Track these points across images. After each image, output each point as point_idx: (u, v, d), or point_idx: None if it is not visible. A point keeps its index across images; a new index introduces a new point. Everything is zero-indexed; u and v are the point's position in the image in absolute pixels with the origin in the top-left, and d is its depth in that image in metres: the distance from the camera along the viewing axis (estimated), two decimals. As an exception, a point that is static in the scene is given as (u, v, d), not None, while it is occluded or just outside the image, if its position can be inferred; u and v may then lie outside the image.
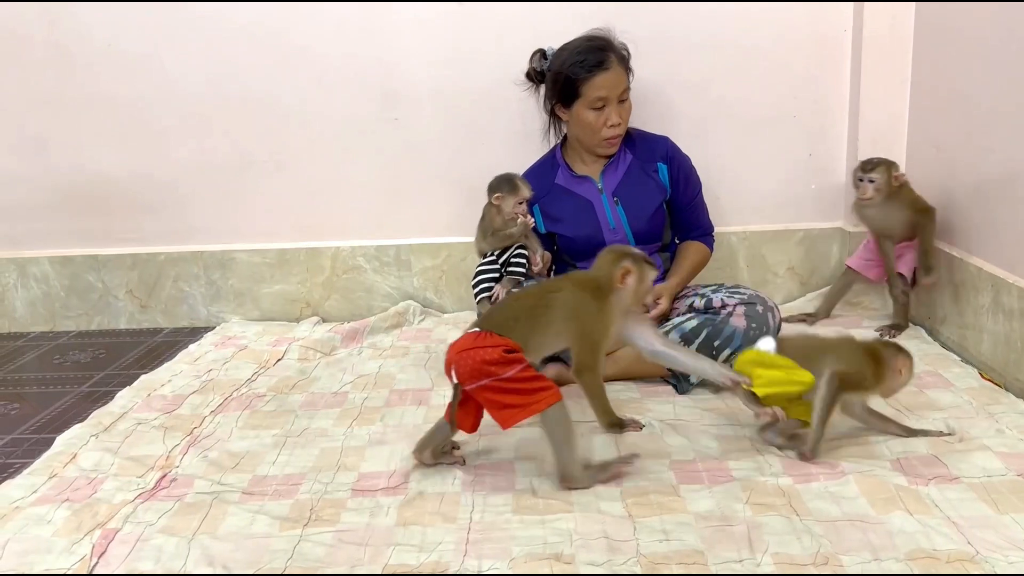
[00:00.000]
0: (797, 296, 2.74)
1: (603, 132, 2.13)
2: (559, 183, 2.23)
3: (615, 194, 2.19)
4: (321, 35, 2.63)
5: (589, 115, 2.11)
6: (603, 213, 2.19)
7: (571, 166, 2.23)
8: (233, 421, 1.99)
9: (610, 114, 2.11)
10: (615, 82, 2.10)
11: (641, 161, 2.22)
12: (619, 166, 2.21)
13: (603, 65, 2.08)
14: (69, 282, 2.87)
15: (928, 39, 2.40)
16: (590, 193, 2.20)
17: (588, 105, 2.11)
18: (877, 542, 1.37)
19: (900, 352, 1.66)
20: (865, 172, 2.28)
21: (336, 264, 2.81)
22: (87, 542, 1.48)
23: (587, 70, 2.08)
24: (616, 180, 2.20)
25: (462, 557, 1.39)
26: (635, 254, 1.66)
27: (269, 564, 1.40)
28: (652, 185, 2.21)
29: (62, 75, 2.70)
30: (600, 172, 2.22)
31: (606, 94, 2.09)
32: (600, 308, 1.61)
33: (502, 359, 1.53)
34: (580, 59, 2.09)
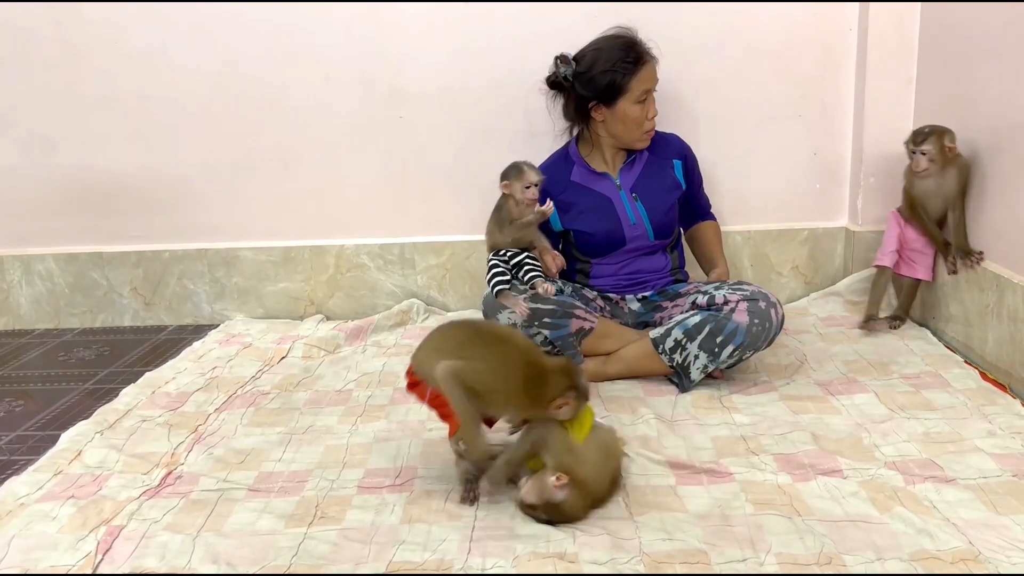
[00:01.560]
0: (801, 295, 2.74)
1: (645, 125, 2.17)
2: (575, 180, 2.22)
3: (633, 190, 2.20)
4: (328, 34, 2.63)
5: (635, 110, 2.14)
6: (623, 209, 2.19)
7: (589, 163, 2.23)
8: (238, 418, 2.00)
9: (651, 106, 2.16)
10: (654, 73, 2.15)
11: (657, 158, 2.25)
12: (636, 163, 2.23)
13: (643, 58, 2.12)
14: (74, 279, 2.88)
15: (933, 39, 2.40)
16: (609, 190, 2.21)
17: (635, 100, 2.13)
18: (881, 542, 1.37)
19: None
20: (917, 144, 2.18)
21: (340, 262, 2.82)
22: (92, 539, 1.49)
23: (633, 65, 2.11)
24: (634, 177, 2.22)
25: (466, 555, 1.40)
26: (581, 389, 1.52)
27: (274, 561, 1.41)
28: (669, 181, 2.24)
29: (69, 73, 2.71)
30: (619, 169, 2.23)
31: (650, 85, 2.14)
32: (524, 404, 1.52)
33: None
34: (622, 55, 2.11)
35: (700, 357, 2.01)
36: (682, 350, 2.02)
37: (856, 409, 1.89)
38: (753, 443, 1.74)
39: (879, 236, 2.59)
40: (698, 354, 2.01)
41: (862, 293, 2.60)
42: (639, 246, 2.22)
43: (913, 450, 1.68)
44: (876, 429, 1.78)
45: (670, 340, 2.03)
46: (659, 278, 2.27)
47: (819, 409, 1.90)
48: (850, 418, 1.85)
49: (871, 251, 2.61)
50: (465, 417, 1.50)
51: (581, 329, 2.09)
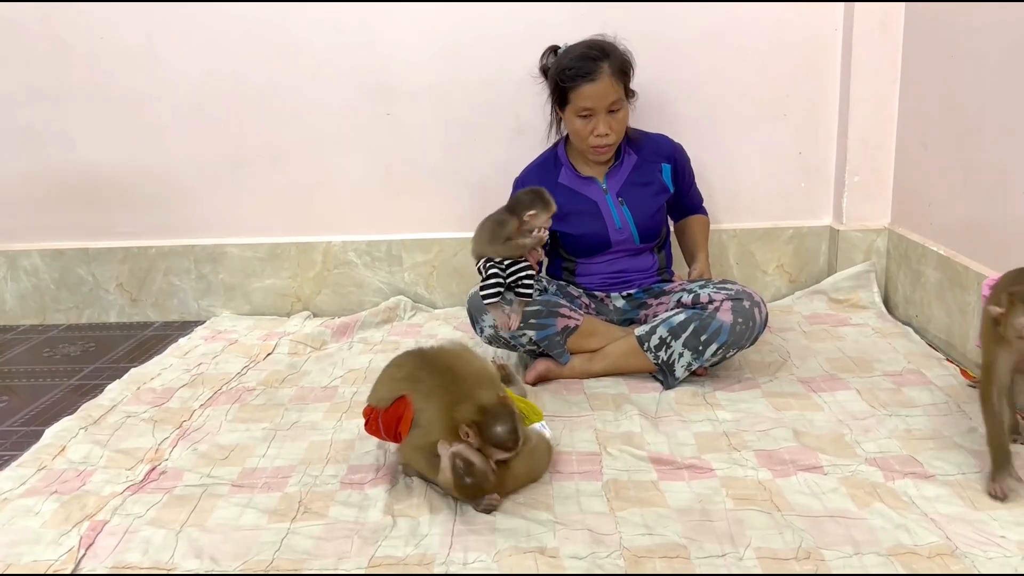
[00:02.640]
0: (786, 294, 2.76)
1: (590, 140, 2.11)
2: (563, 182, 2.21)
3: (620, 194, 2.20)
4: (316, 29, 2.63)
5: (576, 122, 2.11)
6: (609, 213, 2.19)
7: (575, 166, 2.23)
8: (223, 414, 2.00)
9: (597, 124, 2.08)
10: (602, 93, 2.06)
11: (645, 161, 2.22)
12: (623, 167, 2.21)
13: (590, 76, 2.05)
14: (59, 275, 2.87)
15: (918, 39, 2.42)
16: (595, 194, 2.20)
17: (575, 112, 2.09)
18: (859, 537, 1.39)
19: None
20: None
21: (327, 259, 2.82)
22: (75, 534, 1.49)
23: (573, 79, 2.06)
24: (620, 181, 2.21)
25: (448, 550, 1.41)
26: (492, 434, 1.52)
27: (257, 556, 1.41)
28: (656, 184, 2.22)
29: (55, 68, 2.70)
30: (604, 173, 2.21)
31: (592, 104, 2.06)
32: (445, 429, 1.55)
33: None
34: (570, 66, 2.07)
35: (685, 355, 2.02)
36: (667, 348, 2.03)
37: (838, 406, 1.90)
38: (735, 439, 1.76)
39: (863, 235, 2.62)
40: (683, 352, 2.02)
41: (846, 291, 2.62)
42: (625, 249, 2.22)
43: (894, 447, 1.69)
44: (857, 426, 1.80)
45: (655, 338, 2.04)
46: (645, 277, 2.27)
47: (801, 406, 1.91)
48: (832, 415, 1.86)
49: (855, 250, 2.64)
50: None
51: (567, 327, 2.10)
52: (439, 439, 1.53)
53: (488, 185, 2.25)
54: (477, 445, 1.51)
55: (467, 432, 1.51)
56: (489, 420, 1.52)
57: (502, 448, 1.52)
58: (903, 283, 2.51)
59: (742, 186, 2.70)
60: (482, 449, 1.52)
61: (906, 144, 2.51)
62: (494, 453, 1.52)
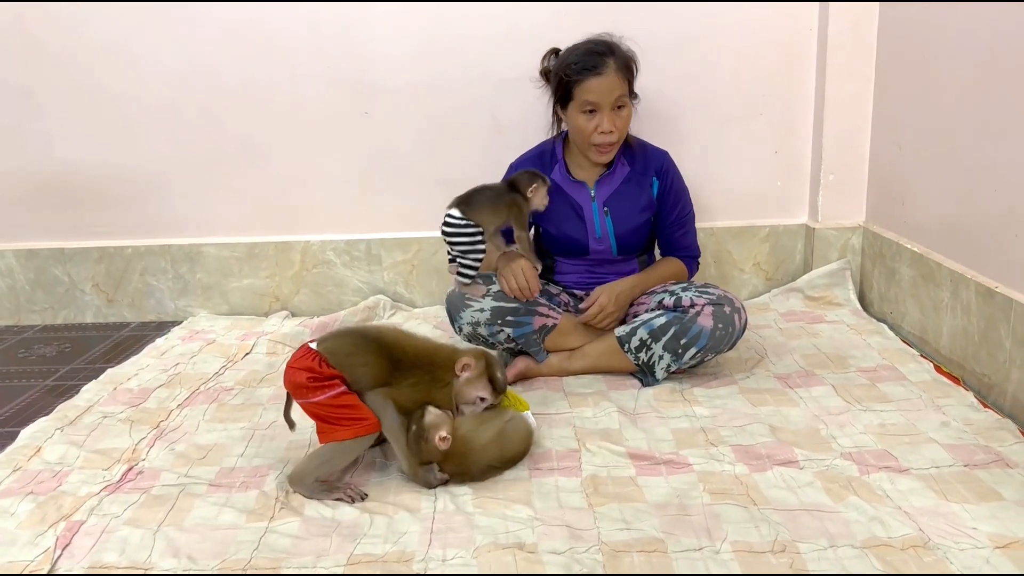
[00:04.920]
0: (763, 292, 2.78)
1: (593, 138, 2.09)
2: (554, 179, 2.20)
3: (606, 204, 2.18)
4: (294, 27, 2.62)
5: (580, 119, 2.08)
6: (591, 221, 2.18)
7: (569, 168, 2.22)
8: (200, 414, 1.99)
9: (601, 120, 2.06)
10: (608, 88, 2.04)
11: (637, 174, 2.20)
12: (615, 177, 2.19)
13: (596, 69, 2.04)
14: (35, 275, 2.85)
15: (892, 38, 2.45)
16: (582, 198, 2.19)
17: (579, 108, 2.07)
18: (834, 530, 1.40)
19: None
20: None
21: (306, 258, 2.81)
22: (51, 534, 1.48)
23: (578, 73, 2.05)
24: (610, 190, 2.19)
25: (426, 547, 1.41)
26: (490, 362, 1.69)
27: (235, 555, 1.41)
28: (644, 199, 2.19)
29: (30, 66, 2.68)
30: (595, 180, 2.20)
31: (596, 99, 2.05)
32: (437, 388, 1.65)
33: (308, 384, 1.57)
34: (575, 61, 2.06)
35: (664, 357, 2.03)
36: (647, 350, 2.04)
37: (814, 402, 1.93)
38: (712, 435, 1.77)
39: (839, 233, 2.65)
40: (663, 354, 2.03)
41: (822, 289, 2.65)
42: (602, 259, 2.23)
43: (869, 441, 1.72)
44: (833, 421, 1.82)
45: (635, 339, 2.05)
46: None
47: (777, 402, 1.93)
48: (808, 410, 1.88)
49: (831, 248, 2.67)
50: (400, 446, 1.61)
51: (544, 326, 2.10)
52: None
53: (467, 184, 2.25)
54: (473, 375, 1.65)
55: (467, 364, 1.64)
56: (491, 359, 1.69)
57: (493, 388, 1.66)
58: (878, 280, 2.54)
59: (719, 185, 2.72)
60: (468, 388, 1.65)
61: (880, 143, 2.54)
62: (475, 398, 1.66)
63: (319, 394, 1.56)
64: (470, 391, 1.66)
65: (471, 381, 1.66)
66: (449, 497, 1.56)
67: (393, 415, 1.59)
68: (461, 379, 1.66)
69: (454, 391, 1.66)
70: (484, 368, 1.67)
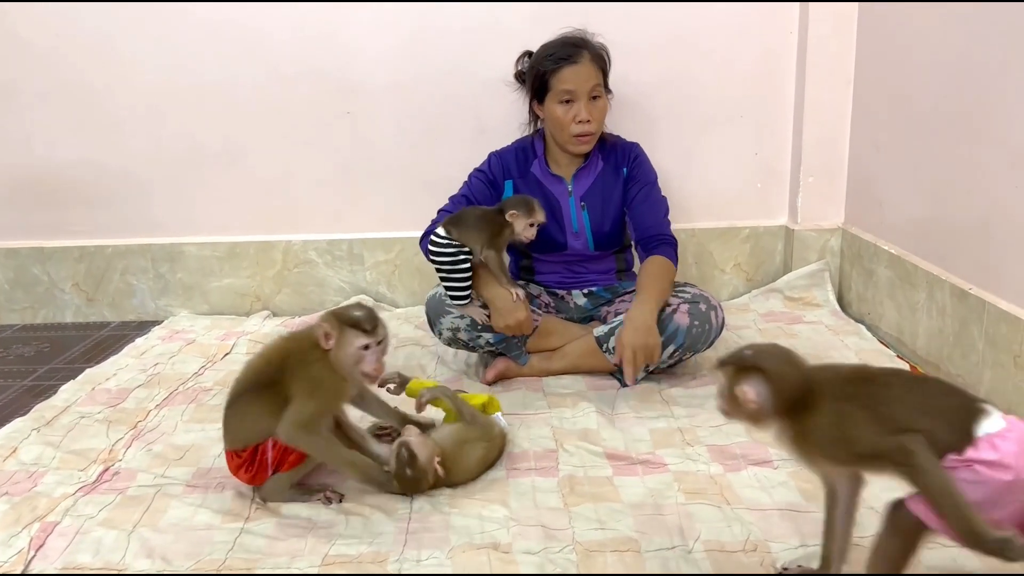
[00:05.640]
0: (743, 292, 2.80)
1: (572, 128, 2.10)
2: (534, 172, 2.22)
3: (583, 199, 2.20)
4: (277, 27, 2.62)
5: (558, 110, 2.10)
6: (568, 215, 2.20)
7: (548, 162, 2.23)
8: (178, 415, 1.99)
9: (579, 110, 2.08)
10: (584, 76, 2.08)
11: (611, 168, 2.22)
12: (591, 172, 2.21)
13: (571, 59, 2.07)
14: (14, 275, 2.83)
15: (871, 41, 2.46)
16: (560, 194, 2.20)
17: (556, 99, 2.10)
18: (806, 529, 1.41)
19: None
20: None
21: (287, 258, 2.81)
22: (25, 535, 1.48)
23: (555, 63, 2.08)
24: (586, 185, 2.20)
25: (402, 547, 1.41)
26: (342, 315, 1.55)
27: (210, 555, 1.41)
28: (618, 193, 2.21)
29: (10, 64, 2.66)
30: (572, 175, 2.21)
31: (573, 87, 2.07)
32: (328, 367, 1.54)
33: (247, 470, 1.57)
34: (550, 53, 2.10)
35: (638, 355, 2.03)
36: (625, 348, 2.05)
37: (790, 402, 1.94)
38: (689, 435, 1.78)
39: (818, 234, 2.67)
40: (639, 353, 2.03)
41: (801, 290, 2.66)
42: (579, 254, 2.24)
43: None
44: (809, 421, 1.83)
45: (614, 339, 2.06)
46: (603, 278, 2.29)
47: (754, 402, 1.94)
48: (784, 411, 1.89)
49: (810, 249, 2.68)
50: (342, 462, 1.57)
51: (525, 330, 2.11)
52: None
53: (450, 184, 2.25)
54: (336, 336, 1.52)
55: (327, 333, 1.52)
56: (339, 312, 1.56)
57: (359, 327, 1.52)
58: (856, 282, 2.56)
59: (700, 186, 2.73)
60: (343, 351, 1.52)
61: (859, 145, 2.56)
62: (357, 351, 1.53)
63: (255, 468, 1.56)
64: (348, 350, 1.53)
65: (342, 345, 1.53)
66: (426, 498, 1.56)
67: (328, 441, 1.55)
68: (332, 350, 1.53)
69: (333, 364, 1.54)
70: (343, 322, 1.53)
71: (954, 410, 1.10)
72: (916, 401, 1.11)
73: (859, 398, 1.13)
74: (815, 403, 1.13)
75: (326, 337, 1.53)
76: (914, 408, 1.11)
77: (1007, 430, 1.08)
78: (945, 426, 1.08)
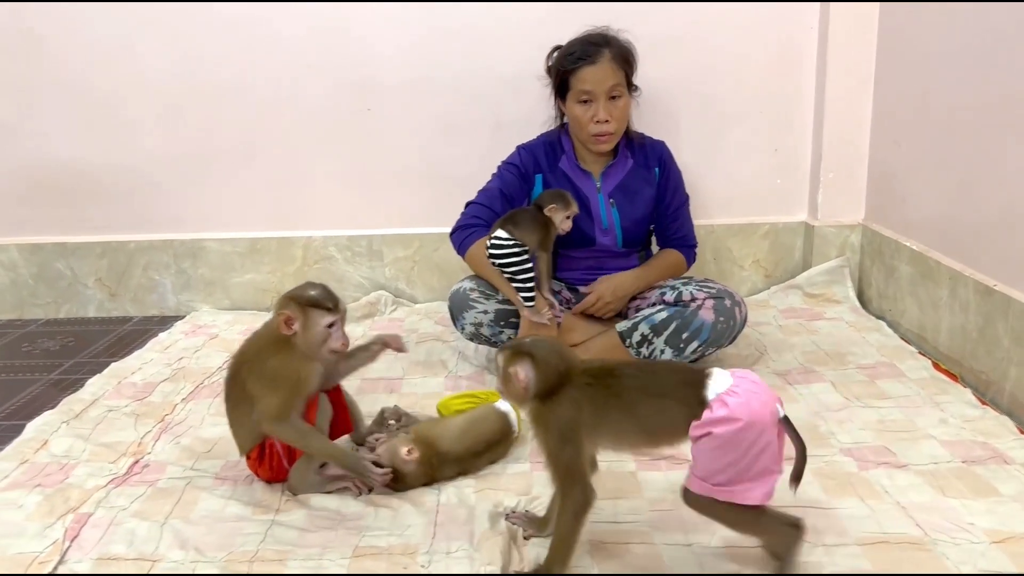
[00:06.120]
0: (762, 289, 2.80)
1: (590, 128, 2.10)
2: (563, 167, 2.22)
3: (611, 196, 2.20)
4: (294, 23, 2.63)
5: (577, 109, 2.11)
6: (598, 212, 2.20)
7: (576, 157, 2.24)
8: (205, 408, 2.01)
9: (597, 110, 2.09)
10: (601, 77, 2.07)
11: (640, 167, 2.23)
12: (620, 168, 2.21)
13: (590, 59, 2.07)
14: (37, 270, 2.86)
15: (891, 38, 2.46)
16: (588, 189, 2.21)
17: (575, 98, 2.10)
18: (829, 526, 1.42)
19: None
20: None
21: (308, 254, 2.82)
22: (59, 526, 1.49)
23: (573, 62, 2.08)
24: (615, 182, 2.21)
25: (431, 540, 1.43)
26: (301, 296, 1.54)
27: (242, 547, 1.43)
28: (648, 191, 2.22)
29: (30, 62, 2.69)
30: (601, 172, 2.22)
31: (590, 87, 2.08)
32: (285, 357, 1.54)
33: (260, 463, 1.61)
34: (570, 52, 2.10)
35: (666, 352, 2.04)
36: (648, 344, 2.06)
37: (813, 398, 1.94)
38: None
39: (838, 230, 2.67)
40: (664, 349, 2.04)
41: (821, 286, 2.66)
42: (607, 250, 2.25)
43: (868, 437, 1.73)
44: (832, 417, 1.83)
45: (637, 334, 2.07)
46: None
47: (777, 398, 1.95)
48: (807, 406, 1.90)
49: (830, 245, 2.68)
50: (318, 450, 1.58)
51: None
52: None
53: (468, 180, 2.27)
54: (300, 319, 1.52)
55: (288, 317, 1.52)
56: (297, 291, 1.56)
57: (321, 306, 1.53)
58: (876, 278, 2.56)
59: (719, 182, 2.73)
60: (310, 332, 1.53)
61: (880, 141, 2.56)
62: (322, 331, 1.53)
63: (269, 462, 1.60)
64: (314, 330, 1.54)
65: (307, 327, 1.53)
66: (453, 490, 1.57)
67: (301, 431, 1.55)
68: (298, 334, 1.53)
69: (303, 347, 1.54)
70: (304, 304, 1.53)
71: (684, 384, 1.23)
72: (648, 382, 1.26)
73: (597, 387, 1.27)
74: (562, 391, 1.27)
75: (288, 323, 1.53)
76: (646, 389, 1.26)
77: (734, 386, 1.21)
78: (679, 399, 1.22)
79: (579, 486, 1.26)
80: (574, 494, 1.25)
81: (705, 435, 1.20)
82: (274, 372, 1.54)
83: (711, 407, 1.19)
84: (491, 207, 2.17)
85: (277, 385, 1.53)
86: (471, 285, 2.13)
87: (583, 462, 1.27)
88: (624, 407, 1.26)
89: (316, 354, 1.56)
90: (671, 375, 1.28)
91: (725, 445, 1.18)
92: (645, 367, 1.34)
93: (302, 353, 1.55)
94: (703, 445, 1.21)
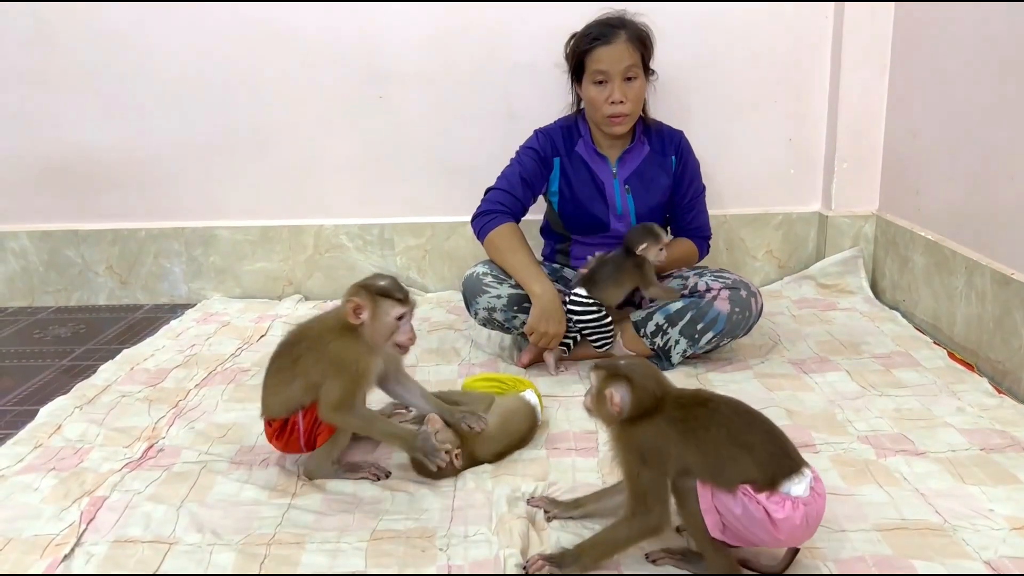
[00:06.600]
0: (775, 279, 2.79)
1: (605, 108, 2.09)
2: (579, 151, 2.21)
3: (627, 182, 2.19)
4: (306, 12, 2.62)
5: (592, 90, 2.10)
6: (613, 197, 2.19)
7: (593, 141, 2.22)
8: (218, 394, 2.01)
9: (612, 91, 2.07)
10: (617, 57, 2.06)
11: (657, 154, 2.22)
12: (636, 155, 2.21)
13: (605, 39, 2.06)
14: (48, 257, 2.86)
15: (907, 28, 2.45)
16: (604, 174, 2.20)
17: (591, 79, 2.09)
18: (848, 512, 1.41)
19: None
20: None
21: (319, 242, 2.82)
22: (75, 509, 1.49)
23: (589, 43, 2.08)
24: (631, 168, 2.20)
25: (448, 524, 1.42)
26: (372, 286, 1.52)
27: (259, 530, 1.42)
28: (664, 179, 2.21)
29: (44, 50, 2.68)
30: (617, 157, 2.21)
31: (605, 67, 2.06)
32: (348, 344, 1.51)
33: (279, 437, 1.59)
34: (587, 32, 2.10)
35: (680, 342, 2.04)
36: (663, 334, 2.05)
37: (829, 387, 1.94)
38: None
39: (852, 221, 2.66)
40: (679, 339, 2.04)
41: (834, 276, 2.65)
42: (620, 236, 2.23)
43: (885, 425, 1.73)
44: (849, 405, 1.83)
45: (651, 324, 2.06)
46: None
47: (793, 386, 1.94)
48: (823, 395, 1.89)
49: (843, 236, 2.67)
50: (385, 435, 1.58)
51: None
52: None
53: (480, 169, 2.26)
54: (370, 308, 1.50)
55: (358, 305, 1.49)
56: (368, 282, 1.53)
57: (392, 297, 1.51)
58: (890, 268, 2.55)
59: (732, 172, 2.72)
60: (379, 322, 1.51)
61: (894, 131, 2.54)
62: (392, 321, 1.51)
63: (287, 436, 1.58)
64: (384, 320, 1.51)
65: (377, 316, 1.51)
66: (470, 475, 1.57)
67: (366, 418, 1.56)
68: (366, 323, 1.51)
69: (368, 338, 1.52)
70: (375, 294, 1.51)
71: (770, 455, 1.19)
72: (737, 429, 1.21)
73: (686, 420, 1.23)
74: (650, 418, 1.24)
75: (356, 311, 1.50)
76: (732, 437, 1.20)
77: (804, 501, 1.17)
78: (758, 463, 1.18)
79: (656, 511, 1.22)
80: (648, 516, 1.22)
81: (750, 501, 1.16)
82: (335, 356, 1.50)
83: (774, 496, 1.16)
84: (512, 192, 2.16)
85: (337, 371, 1.50)
86: (484, 269, 2.12)
87: (664, 487, 1.22)
88: (703, 442, 1.21)
89: (381, 346, 1.53)
90: (770, 440, 1.22)
91: (753, 528, 1.17)
92: (741, 410, 1.26)
93: (366, 344, 1.52)
94: (738, 505, 1.17)
